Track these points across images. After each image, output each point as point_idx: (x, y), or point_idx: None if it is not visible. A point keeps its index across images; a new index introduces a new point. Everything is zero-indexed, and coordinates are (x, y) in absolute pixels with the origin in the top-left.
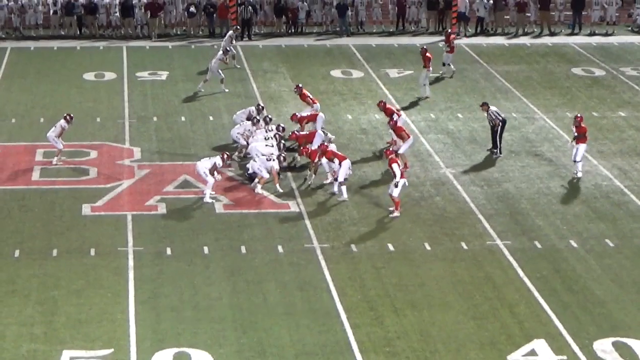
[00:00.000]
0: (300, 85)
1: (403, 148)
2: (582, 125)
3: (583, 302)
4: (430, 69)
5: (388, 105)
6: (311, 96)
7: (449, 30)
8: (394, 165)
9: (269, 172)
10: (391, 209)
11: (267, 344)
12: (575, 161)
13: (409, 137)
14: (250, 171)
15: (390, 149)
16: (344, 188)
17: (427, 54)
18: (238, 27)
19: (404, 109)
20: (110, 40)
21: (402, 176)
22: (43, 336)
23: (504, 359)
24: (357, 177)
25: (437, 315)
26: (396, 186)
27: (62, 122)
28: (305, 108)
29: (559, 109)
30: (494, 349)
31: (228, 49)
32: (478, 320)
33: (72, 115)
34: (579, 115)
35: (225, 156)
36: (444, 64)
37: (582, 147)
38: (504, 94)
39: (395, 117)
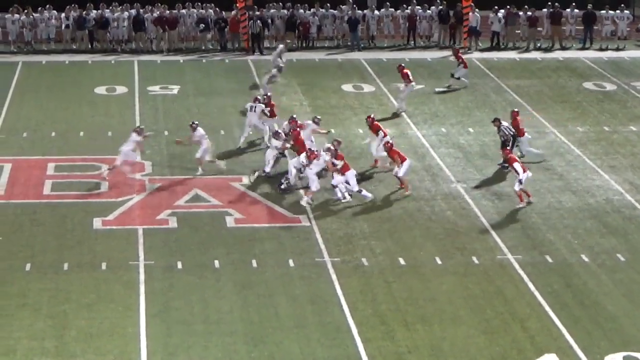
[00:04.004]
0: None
1: (402, 171)
2: (518, 118)
3: (594, 317)
4: (413, 83)
5: (376, 122)
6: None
7: (457, 47)
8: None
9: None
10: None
11: (277, 358)
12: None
13: (404, 159)
14: (284, 186)
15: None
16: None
17: (405, 70)
18: (289, 41)
19: (415, 123)
20: (122, 54)
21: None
22: (54, 350)
23: None
24: (368, 191)
25: (448, 330)
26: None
27: (134, 135)
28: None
29: (570, 124)
30: None
31: (281, 65)
32: (489, 335)
33: (142, 127)
34: (515, 110)
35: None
36: (452, 75)
37: (523, 139)
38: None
39: (381, 134)
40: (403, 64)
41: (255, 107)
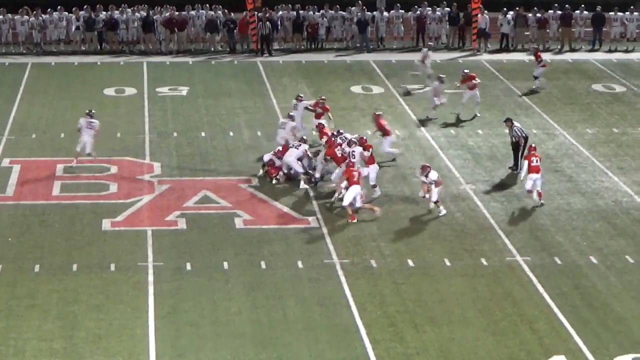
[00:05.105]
0: None
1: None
2: (380, 120)
3: (603, 319)
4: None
5: (325, 129)
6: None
7: (537, 47)
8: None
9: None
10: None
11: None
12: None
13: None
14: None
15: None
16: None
17: (472, 75)
18: (430, 45)
19: (424, 125)
20: (131, 55)
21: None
22: (63, 351)
23: None
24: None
25: (456, 332)
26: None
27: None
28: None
29: (579, 125)
30: None
31: (430, 71)
32: (498, 337)
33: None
34: (376, 112)
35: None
36: (535, 77)
37: (387, 139)
38: (524, 110)
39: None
40: (467, 70)
41: (298, 105)
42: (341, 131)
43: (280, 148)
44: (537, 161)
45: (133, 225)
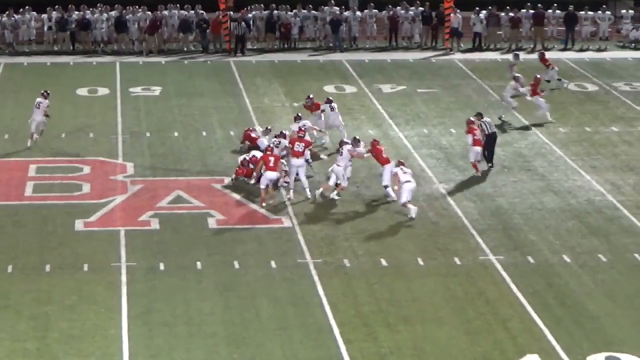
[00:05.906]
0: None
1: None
2: (378, 147)
3: (576, 317)
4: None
5: (252, 134)
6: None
7: (543, 52)
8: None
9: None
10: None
11: (259, 359)
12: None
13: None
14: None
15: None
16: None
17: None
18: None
19: (397, 124)
20: (104, 55)
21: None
22: (36, 352)
23: None
24: (350, 192)
25: (430, 331)
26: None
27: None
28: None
29: (552, 124)
30: None
31: (516, 75)
32: (471, 336)
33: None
34: (374, 140)
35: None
36: (547, 81)
37: (387, 167)
38: (497, 110)
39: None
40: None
41: (336, 107)
42: (301, 118)
43: (255, 154)
44: (479, 134)
45: (106, 226)
